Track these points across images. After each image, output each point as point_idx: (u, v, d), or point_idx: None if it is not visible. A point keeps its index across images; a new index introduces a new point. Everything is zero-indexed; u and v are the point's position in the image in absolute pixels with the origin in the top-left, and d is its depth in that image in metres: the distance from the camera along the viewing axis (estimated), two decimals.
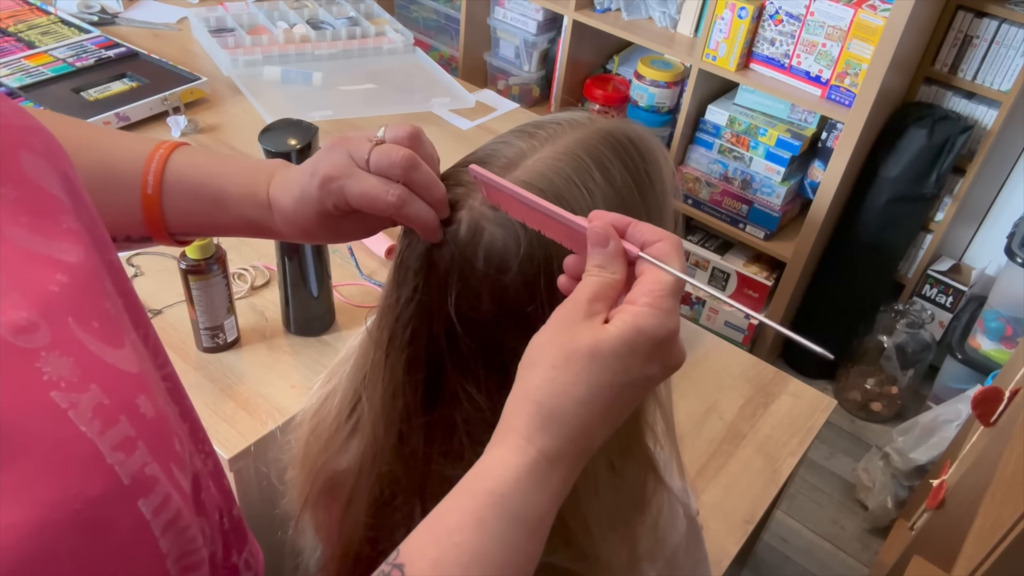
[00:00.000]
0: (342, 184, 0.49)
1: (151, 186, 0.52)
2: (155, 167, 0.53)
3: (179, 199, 0.53)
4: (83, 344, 0.32)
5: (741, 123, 2.06)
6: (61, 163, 0.39)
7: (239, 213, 0.54)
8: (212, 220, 0.54)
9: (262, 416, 0.96)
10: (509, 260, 0.48)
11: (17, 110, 0.38)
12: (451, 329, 0.50)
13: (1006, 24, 1.80)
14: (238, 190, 0.53)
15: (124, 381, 0.33)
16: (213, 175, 0.54)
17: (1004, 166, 2.02)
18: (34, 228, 0.34)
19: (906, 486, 1.84)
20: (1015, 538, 0.74)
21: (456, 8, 2.47)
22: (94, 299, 0.35)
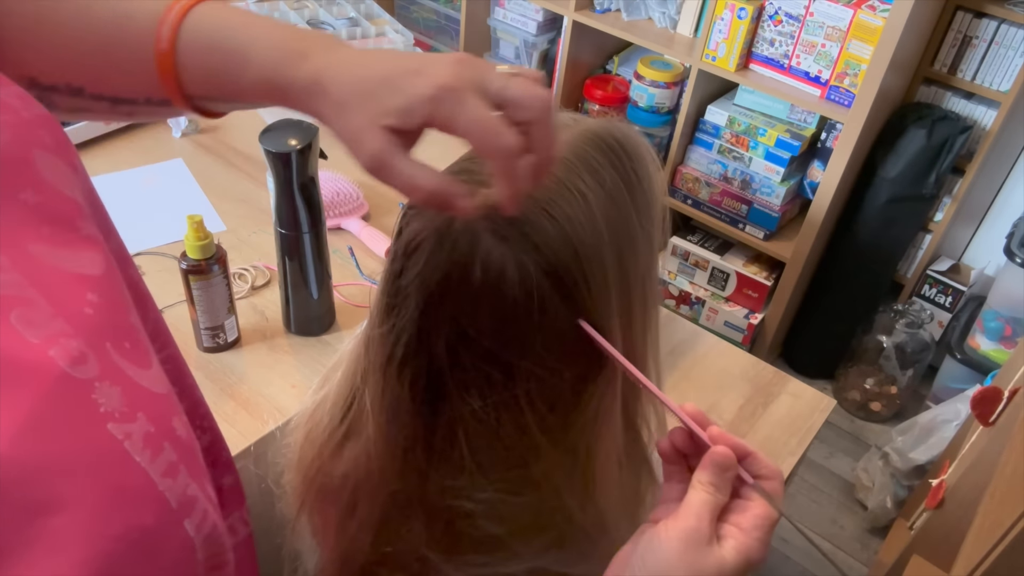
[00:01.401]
0: (459, 98, 0.40)
1: (165, 39, 0.46)
2: (172, 17, 0.46)
3: (195, 54, 0.46)
4: (123, 371, 0.32)
5: (741, 123, 2.06)
6: (70, 156, 0.37)
7: (261, 75, 0.45)
8: (230, 80, 0.46)
9: (262, 416, 0.97)
10: (508, 272, 0.47)
11: (23, 99, 0.36)
12: (452, 345, 0.50)
13: (1005, 24, 1.81)
14: (266, 45, 0.45)
15: (161, 405, 0.33)
16: (238, 27, 0.46)
17: (1003, 166, 2.02)
18: (56, 241, 0.33)
19: (905, 486, 1.84)
20: (1014, 538, 0.74)
21: (456, 8, 2.47)
22: (122, 315, 0.34)
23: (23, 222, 0.32)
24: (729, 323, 2.26)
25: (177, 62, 0.46)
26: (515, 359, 0.49)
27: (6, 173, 0.32)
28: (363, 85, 0.42)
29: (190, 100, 0.48)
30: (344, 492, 0.59)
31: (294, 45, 0.45)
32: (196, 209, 1.29)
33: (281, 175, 0.93)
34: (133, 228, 1.24)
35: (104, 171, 1.36)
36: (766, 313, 2.22)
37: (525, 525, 0.54)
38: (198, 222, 0.93)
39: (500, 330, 0.49)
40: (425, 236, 0.49)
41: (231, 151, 1.44)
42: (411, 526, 0.56)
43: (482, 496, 0.53)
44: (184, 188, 1.34)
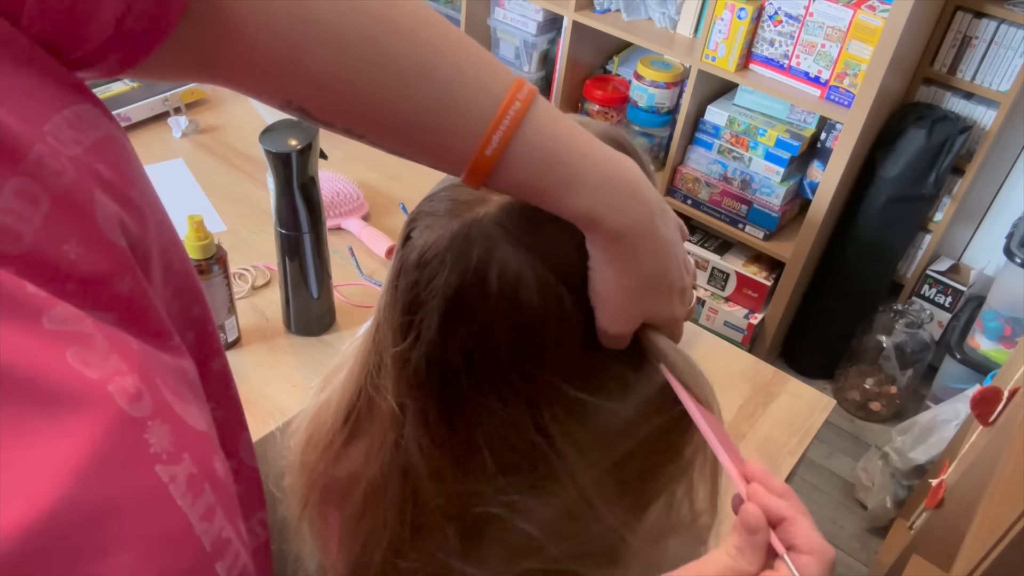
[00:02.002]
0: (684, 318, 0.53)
1: (493, 147, 0.43)
2: (506, 127, 0.42)
3: (520, 171, 0.44)
4: (172, 408, 0.31)
5: (740, 123, 2.06)
6: (123, 184, 0.35)
7: (585, 210, 0.44)
8: (548, 200, 0.45)
9: (263, 416, 0.97)
10: (525, 278, 0.47)
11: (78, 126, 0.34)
12: (471, 355, 0.49)
13: (1005, 24, 1.81)
14: (596, 183, 0.44)
15: (203, 444, 0.32)
16: (572, 153, 0.44)
17: (1003, 166, 2.03)
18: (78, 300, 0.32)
19: (905, 486, 1.84)
20: (1014, 537, 0.74)
21: (456, 8, 2.47)
22: (158, 356, 0.34)
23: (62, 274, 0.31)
24: (729, 323, 2.26)
25: (497, 167, 0.44)
26: (535, 369, 0.49)
27: (63, 219, 0.31)
28: (660, 287, 0.49)
29: (485, 186, 0.46)
30: (350, 495, 0.59)
31: (624, 188, 0.46)
32: (196, 209, 1.29)
33: (281, 175, 0.93)
34: None
35: None
36: (766, 313, 2.22)
37: (558, 526, 0.53)
38: (198, 222, 0.93)
39: (520, 340, 0.48)
40: (442, 245, 0.48)
41: (231, 151, 1.44)
42: (431, 535, 0.55)
43: (507, 499, 0.52)
44: (184, 188, 1.34)
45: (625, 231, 0.45)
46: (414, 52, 0.42)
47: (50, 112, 0.33)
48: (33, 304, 0.27)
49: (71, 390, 0.27)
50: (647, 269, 0.47)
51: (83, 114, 0.35)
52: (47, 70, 0.34)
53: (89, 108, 0.35)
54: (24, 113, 0.31)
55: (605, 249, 0.46)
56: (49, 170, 0.30)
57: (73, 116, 0.34)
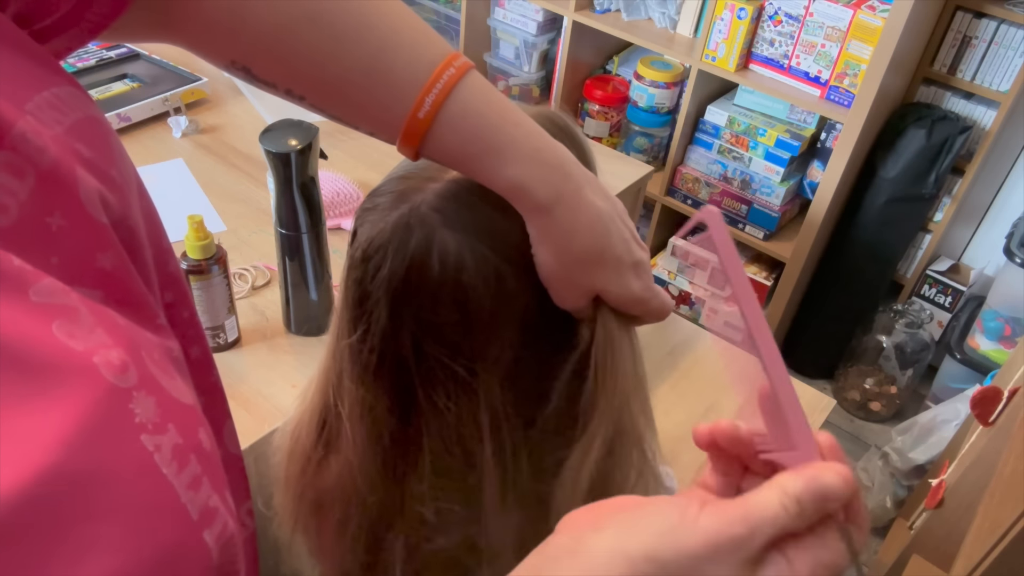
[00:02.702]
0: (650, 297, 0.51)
1: (425, 110, 0.44)
2: (438, 90, 0.44)
3: (452, 135, 0.45)
4: (157, 380, 0.31)
5: (740, 123, 2.06)
6: (105, 164, 0.36)
7: (514, 182, 0.46)
8: (478, 167, 0.46)
9: (263, 416, 0.97)
10: (465, 260, 0.48)
11: (58, 107, 0.35)
12: (419, 344, 0.50)
13: (1005, 24, 1.81)
14: (526, 153, 0.46)
15: (189, 416, 0.33)
16: (503, 121, 0.46)
17: (1003, 166, 2.03)
18: (61, 273, 0.32)
19: (905, 485, 1.84)
20: (1014, 537, 0.74)
21: (456, 9, 2.47)
22: (143, 333, 0.34)
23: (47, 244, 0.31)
24: (729, 323, 2.26)
25: (430, 132, 0.45)
26: (479, 352, 0.50)
27: (48, 193, 0.31)
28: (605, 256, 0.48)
29: (418, 155, 0.47)
30: (335, 507, 0.59)
31: (552, 160, 0.47)
32: (196, 209, 1.29)
33: (281, 175, 0.93)
34: None
35: None
36: (766, 313, 2.22)
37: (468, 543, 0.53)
38: (198, 222, 0.93)
39: (463, 322, 0.49)
40: (384, 238, 0.49)
41: (231, 151, 1.44)
42: (393, 538, 0.56)
43: (435, 504, 0.53)
44: (184, 188, 1.34)
45: (552, 202, 0.46)
46: (352, 13, 0.44)
47: (32, 92, 0.34)
48: (19, 277, 0.28)
49: (57, 362, 0.27)
50: (584, 243, 0.47)
51: (64, 95, 0.35)
52: (30, 52, 0.35)
53: (70, 90, 0.36)
54: (6, 92, 0.32)
55: (537, 224, 0.47)
56: (33, 145, 0.31)
57: (54, 97, 0.35)
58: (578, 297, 0.49)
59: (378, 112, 0.46)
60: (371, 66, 0.45)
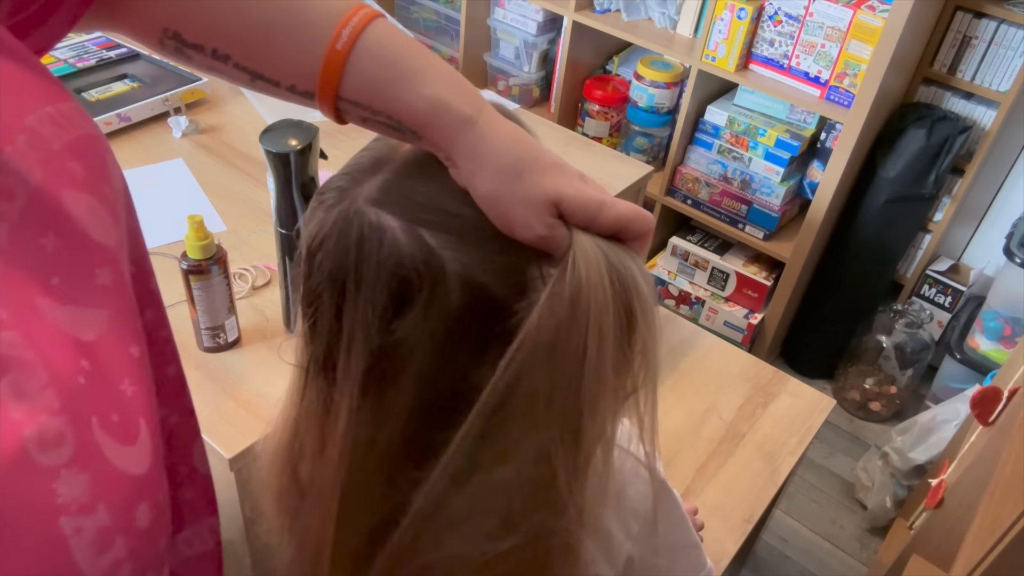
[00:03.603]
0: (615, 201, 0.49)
1: (343, 40, 0.47)
2: (356, 21, 0.47)
3: (369, 62, 0.47)
4: (101, 451, 0.30)
5: (740, 124, 2.07)
6: (99, 184, 0.36)
7: (432, 93, 0.47)
8: (394, 93, 0.48)
9: (263, 416, 0.97)
10: (401, 242, 0.48)
11: (57, 122, 0.35)
12: (367, 332, 0.50)
13: (1005, 24, 1.81)
14: (441, 74, 0.48)
15: (129, 491, 0.31)
16: (417, 50, 0.49)
17: (1003, 166, 2.03)
18: (64, 295, 0.32)
19: (905, 485, 1.84)
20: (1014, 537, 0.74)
21: (456, 9, 2.47)
22: (115, 383, 0.33)
23: (36, 269, 0.31)
24: (729, 323, 2.26)
25: (348, 64, 0.47)
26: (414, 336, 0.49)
27: (34, 216, 0.31)
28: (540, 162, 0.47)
29: (338, 101, 0.49)
30: (308, 505, 0.59)
31: (468, 86, 0.49)
32: (196, 209, 1.29)
33: (281, 175, 0.93)
34: None
35: None
36: (766, 313, 2.22)
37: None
38: (198, 222, 0.93)
39: (402, 311, 0.49)
40: (323, 232, 0.50)
41: (231, 151, 1.44)
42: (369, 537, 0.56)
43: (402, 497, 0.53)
44: (184, 188, 1.34)
45: (476, 114, 0.47)
46: None
47: (36, 106, 0.34)
48: None
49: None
50: (517, 149, 0.47)
51: (66, 111, 0.36)
52: (35, 67, 0.36)
53: (72, 107, 0.37)
54: (8, 103, 0.32)
55: (464, 142, 0.47)
56: (22, 166, 0.31)
57: (56, 112, 0.35)
58: (533, 214, 0.47)
59: (298, 55, 0.48)
60: (290, 8, 0.48)
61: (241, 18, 0.48)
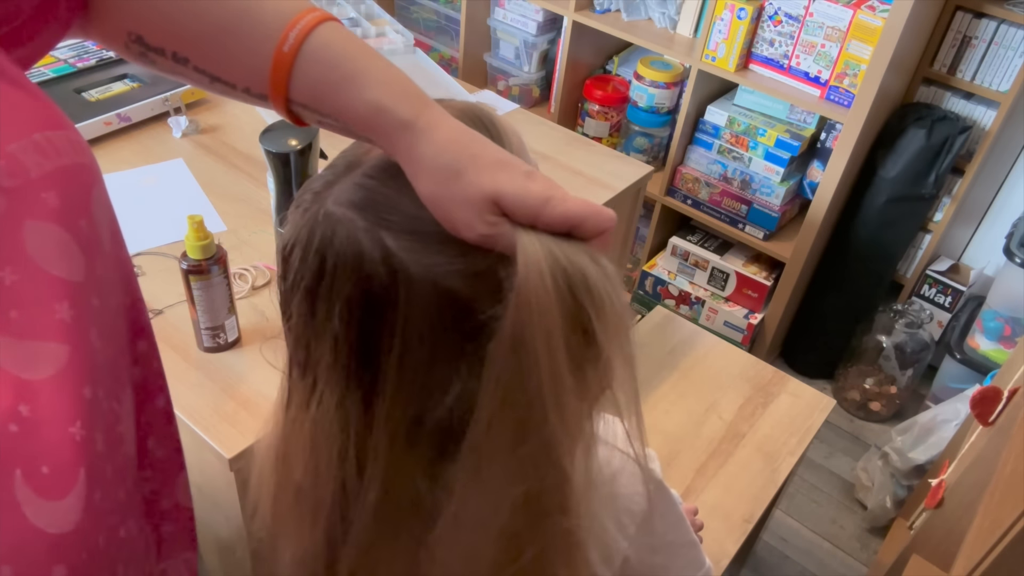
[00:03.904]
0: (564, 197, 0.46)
1: (290, 43, 0.48)
2: (302, 25, 0.48)
3: (315, 64, 0.49)
4: (19, 507, 0.29)
5: (740, 123, 2.07)
6: (74, 216, 0.36)
7: (374, 98, 0.47)
8: (340, 96, 0.48)
9: (263, 416, 0.97)
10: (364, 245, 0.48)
11: (42, 151, 0.35)
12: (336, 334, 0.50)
13: (1005, 24, 1.81)
14: (385, 78, 0.48)
15: (45, 552, 0.30)
16: (361, 53, 0.49)
17: (1003, 166, 2.03)
18: (19, 331, 0.31)
19: (905, 485, 1.84)
20: (1014, 537, 0.74)
21: (456, 9, 2.47)
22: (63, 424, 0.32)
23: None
24: (729, 323, 2.26)
25: (295, 67, 0.48)
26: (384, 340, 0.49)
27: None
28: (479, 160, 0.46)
29: (289, 103, 0.50)
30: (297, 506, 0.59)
31: (413, 89, 0.49)
32: (196, 209, 1.29)
33: (281, 175, 0.93)
34: (133, 228, 1.24)
35: (104, 171, 1.35)
36: (766, 313, 2.22)
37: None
38: (198, 222, 0.93)
39: (371, 310, 0.49)
40: (295, 237, 0.50)
41: (231, 151, 1.44)
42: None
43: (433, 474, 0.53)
44: (184, 188, 1.34)
45: (414, 117, 0.47)
46: None
47: (23, 132, 0.34)
48: None
49: None
50: (455, 149, 0.46)
51: (56, 140, 0.36)
52: (34, 94, 0.36)
53: (64, 135, 0.37)
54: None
55: (404, 145, 0.47)
56: None
57: (44, 140, 0.35)
58: (473, 214, 0.45)
59: (249, 58, 0.49)
60: (242, 11, 0.49)
61: (196, 22, 0.49)
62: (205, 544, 1.16)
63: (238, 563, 1.09)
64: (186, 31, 0.49)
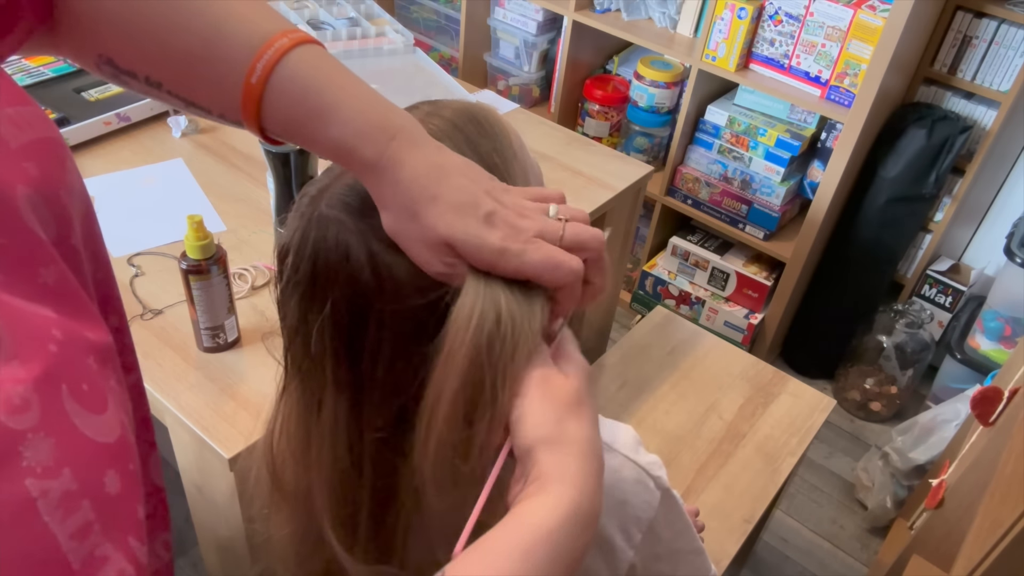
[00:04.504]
0: (521, 250, 0.46)
1: (257, 75, 0.46)
2: (269, 56, 0.46)
3: (281, 98, 0.47)
4: (69, 418, 0.31)
5: (741, 123, 2.06)
6: (54, 186, 0.37)
7: (340, 137, 0.47)
8: (307, 132, 0.48)
9: (262, 416, 0.96)
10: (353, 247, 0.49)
11: (16, 124, 0.36)
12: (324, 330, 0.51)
13: (1005, 24, 1.81)
14: (352, 114, 0.47)
15: (98, 458, 0.32)
16: (329, 84, 0.47)
17: (1003, 166, 2.03)
18: (9, 288, 0.32)
19: (905, 486, 1.84)
20: (1014, 537, 0.74)
21: (456, 8, 2.47)
22: (84, 356, 0.34)
23: None
24: (729, 323, 2.26)
25: (263, 99, 0.47)
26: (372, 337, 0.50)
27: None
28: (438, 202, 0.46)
29: (263, 131, 0.49)
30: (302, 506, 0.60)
31: (380, 121, 0.47)
32: (196, 209, 1.29)
33: (281, 175, 0.93)
34: (133, 228, 1.24)
35: (104, 171, 1.36)
36: (766, 313, 2.22)
37: None
38: (198, 222, 0.93)
39: (358, 309, 0.50)
40: (288, 241, 0.52)
41: (231, 151, 1.44)
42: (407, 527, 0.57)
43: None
44: (184, 188, 1.34)
45: (376, 158, 0.46)
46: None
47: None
48: None
49: None
50: (412, 191, 0.46)
51: (26, 114, 0.37)
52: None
53: (32, 110, 0.37)
54: None
55: (369, 183, 0.47)
56: None
57: (16, 115, 0.36)
58: (430, 254, 0.46)
59: (220, 87, 0.48)
60: (210, 38, 0.47)
61: (165, 48, 0.48)
62: (205, 544, 1.16)
63: (238, 562, 1.09)
64: (156, 57, 0.48)
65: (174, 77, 0.49)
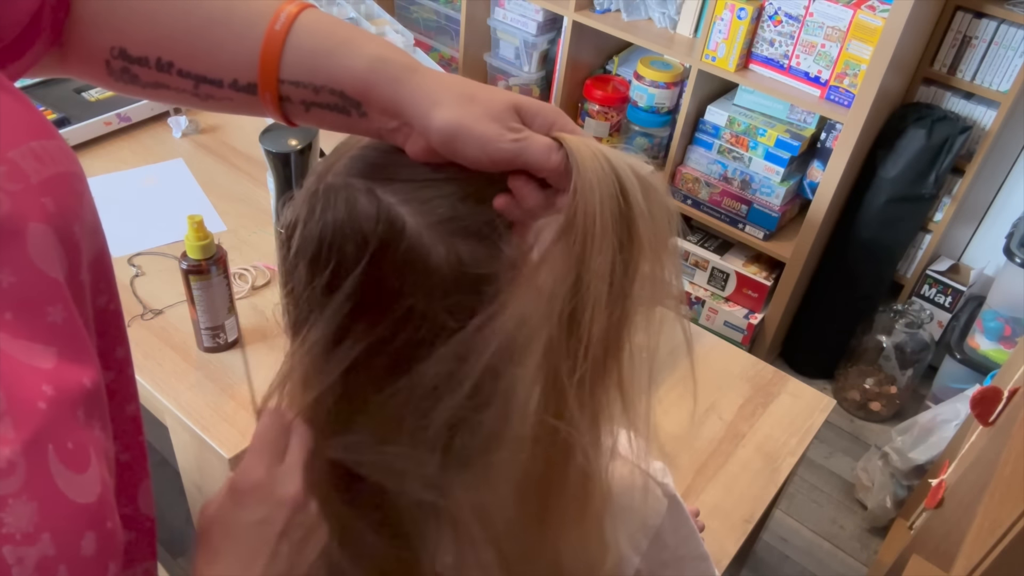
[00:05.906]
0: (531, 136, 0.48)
1: (281, 22, 0.49)
2: (292, 8, 0.50)
3: (307, 37, 0.49)
4: (53, 480, 0.31)
5: (740, 123, 2.07)
6: (69, 221, 0.37)
7: (373, 52, 0.49)
8: (336, 60, 0.49)
9: None
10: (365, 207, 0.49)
11: (40, 158, 0.36)
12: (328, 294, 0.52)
13: (1005, 24, 1.81)
14: (378, 42, 0.50)
15: (77, 520, 0.32)
16: (351, 27, 0.51)
17: (1003, 166, 2.03)
18: (17, 330, 0.32)
19: (905, 485, 1.84)
20: (1014, 537, 0.74)
21: (456, 8, 2.47)
22: (72, 411, 0.34)
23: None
24: (729, 323, 2.26)
25: (287, 41, 0.49)
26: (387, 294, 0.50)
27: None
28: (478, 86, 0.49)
29: (280, 84, 0.50)
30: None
31: (403, 50, 0.50)
32: (196, 209, 1.29)
33: (281, 175, 0.93)
34: (133, 228, 1.24)
35: (104, 171, 1.36)
36: (766, 313, 2.22)
37: None
38: (198, 222, 0.93)
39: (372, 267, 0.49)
40: (295, 212, 0.52)
41: (231, 151, 1.44)
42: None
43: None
44: (184, 188, 1.34)
45: (415, 64, 0.49)
46: None
47: (20, 140, 0.35)
48: None
49: None
50: (460, 80, 0.49)
51: (50, 148, 0.37)
52: (26, 104, 0.37)
53: (56, 144, 0.38)
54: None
55: (409, 88, 0.48)
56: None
57: (40, 148, 0.37)
58: (499, 126, 0.47)
59: (239, 44, 0.49)
60: (228, 4, 0.50)
61: (184, 19, 0.50)
62: None
63: None
64: (172, 32, 0.50)
65: (188, 51, 0.50)
